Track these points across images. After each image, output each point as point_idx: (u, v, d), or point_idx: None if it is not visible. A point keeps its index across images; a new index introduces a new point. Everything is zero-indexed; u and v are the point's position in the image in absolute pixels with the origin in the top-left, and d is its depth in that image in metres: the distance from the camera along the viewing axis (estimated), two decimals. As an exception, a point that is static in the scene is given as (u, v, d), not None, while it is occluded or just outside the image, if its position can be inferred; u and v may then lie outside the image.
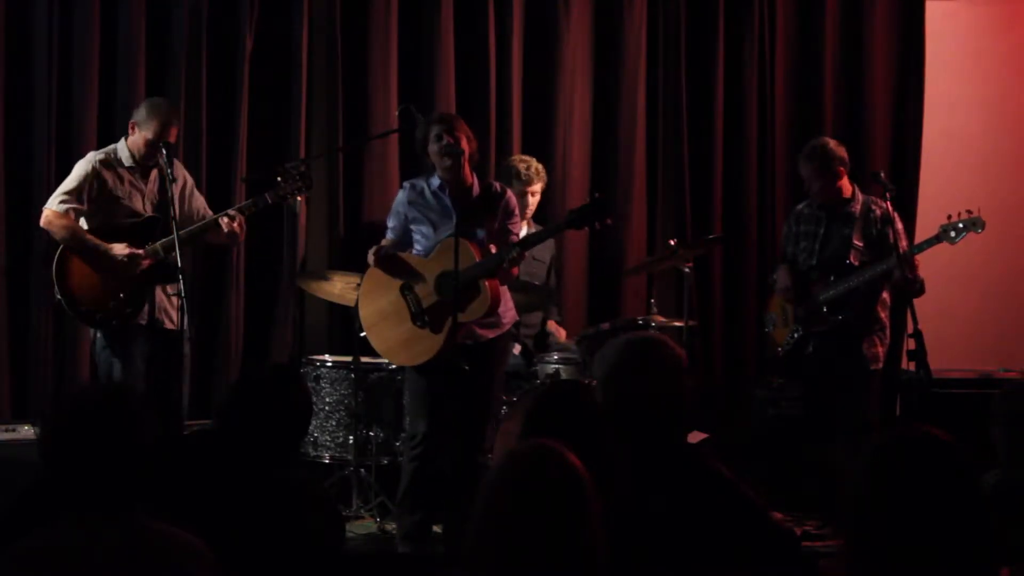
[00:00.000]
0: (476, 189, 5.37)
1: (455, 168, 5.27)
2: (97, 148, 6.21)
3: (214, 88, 6.59)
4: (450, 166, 5.27)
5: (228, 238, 5.53)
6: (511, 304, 5.46)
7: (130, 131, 5.53)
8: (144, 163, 5.51)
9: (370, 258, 5.37)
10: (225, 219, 5.44)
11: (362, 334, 5.59)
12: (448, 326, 5.19)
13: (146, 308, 5.39)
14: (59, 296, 5.42)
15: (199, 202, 5.73)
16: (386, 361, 5.95)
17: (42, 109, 6.31)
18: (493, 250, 5.23)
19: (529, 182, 6.39)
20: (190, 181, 5.74)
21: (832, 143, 5.99)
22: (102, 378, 5.44)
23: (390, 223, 5.49)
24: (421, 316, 5.30)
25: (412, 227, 5.40)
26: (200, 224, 5.54)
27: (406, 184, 5.51)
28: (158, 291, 5.42)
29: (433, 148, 5.30)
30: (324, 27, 6.76)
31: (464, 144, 5.28)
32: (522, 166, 6.43)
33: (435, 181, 5.36)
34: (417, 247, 5.39)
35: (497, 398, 5.51)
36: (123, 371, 5.38)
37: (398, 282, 5.34)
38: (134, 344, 5.41)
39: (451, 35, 6.94)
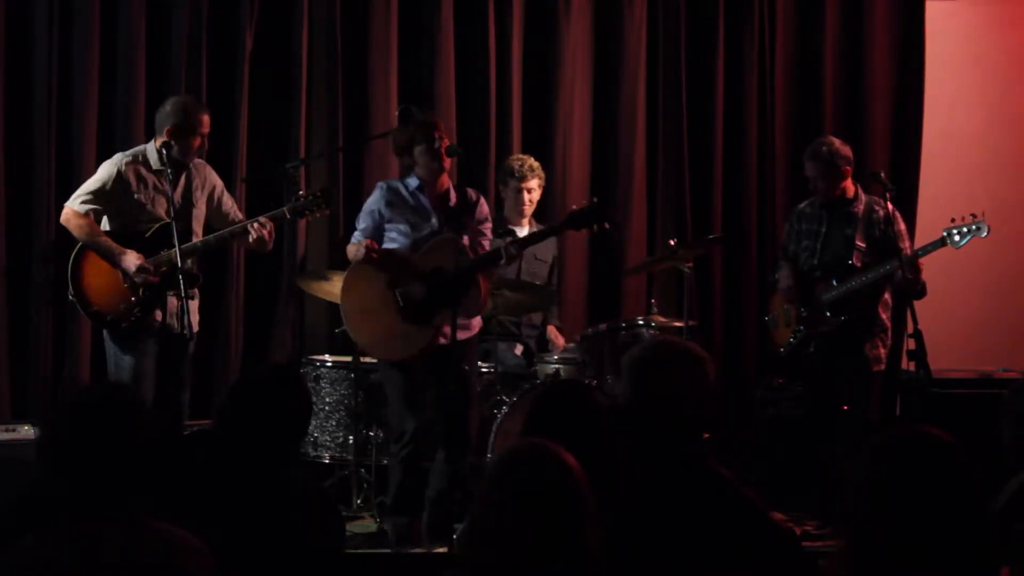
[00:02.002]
0: (452, 193, 5.42)
1: (442, 169, 5.30)
2: (97, 148, 6.22)
3: (214, 88, 6.59)
4: (439, 167, 5.29)
5: (257, 244, 5.47)
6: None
7: (161, 133, 5.45)
8: (177, 162, 5.44)
9: (360, 251, 5.32)
10: (256, 224, 5.39)
11: (338, 329, 5.54)
12: (436, 322, 5.21)
13: (158, 312, 5.36)
14: (72, 296, 5.41)
15: (228, 205, 5.68)
16: (386, 361, 5.96)
17: (42, 109, 6.31)
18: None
19: (523, 179, 6.39)
20: (220, 184, 5.69)
21: (838, 142, 5.98)
22: (113, 377, 5.42)
23: (361, 224, 5.46)
24: (410, 311, 5.28)
25: (387, 226, 5.38)
26: (228, 229, 5.49)
27: (381, 184, 5.52)
28: (170, 296, 5.38)
29: (423, 148, 5.31)
30: (324, 27, 6.77)
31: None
32: (516, 163, 6.45)
33: (412, 182, 5.38)
34: (392, 245, 5.38)
35: (476, 394, 5.53)
36: (133, 370, 5.36)
37: (385, 276, 5.31)
38: (145, 343, 5.39)
39: (451, 35, 6.95)
